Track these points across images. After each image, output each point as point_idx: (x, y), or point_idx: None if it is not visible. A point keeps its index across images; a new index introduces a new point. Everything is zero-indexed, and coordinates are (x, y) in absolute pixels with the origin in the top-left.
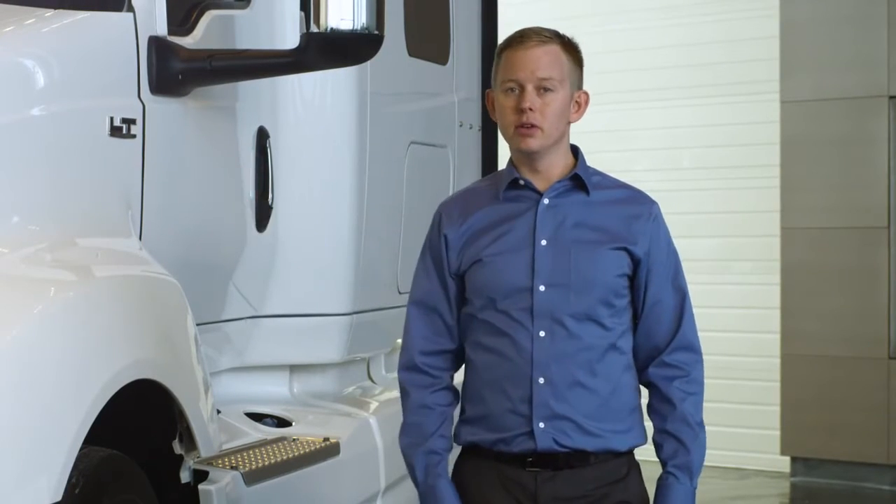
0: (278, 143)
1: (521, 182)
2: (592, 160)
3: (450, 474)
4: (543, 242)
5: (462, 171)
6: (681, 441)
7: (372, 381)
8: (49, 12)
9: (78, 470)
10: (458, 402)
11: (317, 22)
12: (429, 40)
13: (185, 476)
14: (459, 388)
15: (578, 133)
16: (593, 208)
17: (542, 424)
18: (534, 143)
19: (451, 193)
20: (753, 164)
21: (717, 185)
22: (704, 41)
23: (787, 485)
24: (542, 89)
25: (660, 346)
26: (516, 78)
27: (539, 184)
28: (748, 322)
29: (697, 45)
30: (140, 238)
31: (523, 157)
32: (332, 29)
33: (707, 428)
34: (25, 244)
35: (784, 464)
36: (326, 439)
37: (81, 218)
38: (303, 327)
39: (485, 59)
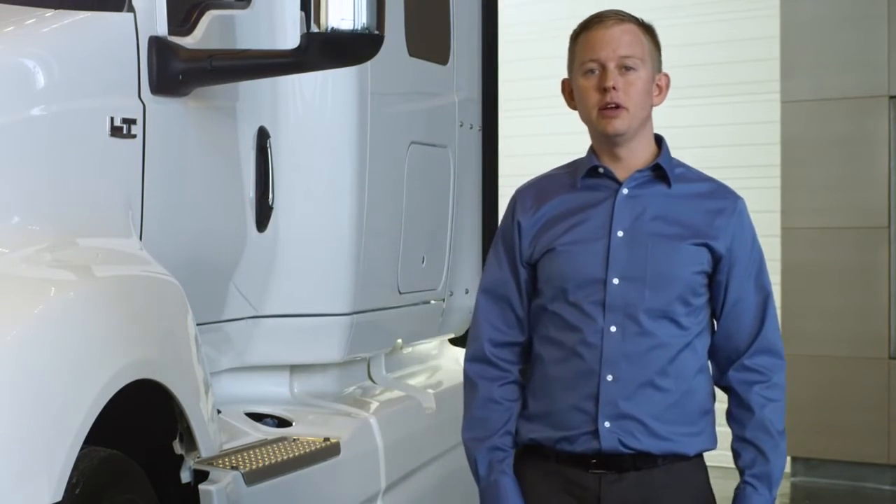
0: (279, 143)
1: (601, 170)
2: None
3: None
4: (620, 234)
5: (462, 172)
6: (760, 450)
7: (372, 381)
8: (49, 12)
9: (78, 470)
10: (522, 397)
11: (317, 22)
12: (429, 40)
13: (185, 476)
14: None
15: (579, 132)
16: (674, 201)
17: (607, 424)
18: (619, 124)
19: (450, 193)
20: (754, 165)
21: None
22: (705, 41)
23: (787, 485)
24: (625, 68)
25: (740, 347)
26: (597, 58)
27: (619, 172)
28: None
29: (698, 45)
30: (140, 238)
31: (606, 142)
32: (332, 29)
33: None
34: (26, 244)
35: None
36: (327, 439)
37: (82, 218)
38: (303, 327)
39: (485, 59)
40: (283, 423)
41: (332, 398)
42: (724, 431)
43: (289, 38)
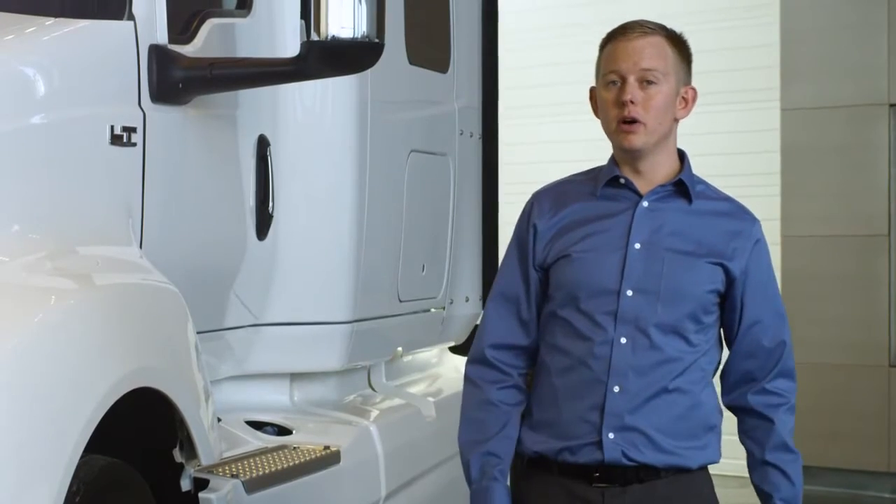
0: (279, 151)
1: (622, 181)
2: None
3: (507, 481)
4: (637, 246)
5: (462, 179)
6: (785, 473)
7: (372, 389)
8: (49, 20)
9: (78, 478)
10: (525, 404)
11: (317, 30)
12: (429, 48)
13: (185, 484)
14: None
15: (578, 142)
16: (694, 218)
17: (611, 435)
18: (636, 139)
19: (450, 201)
20: (754, 172)
21: None
22: (705, 49)
23: None
24: (646, 82)
25: (758, 370)
26: (618, 69)
27: (640, 185)
28: None
29: (698, 53)
30: (140, 246)
31: (626, 155)
32: (332, 37)
33: None
34: (26, 252)
35: None
36: (327, 447)
37: (82, 226)
38: (303, 335)
39: (485, 67)
40: (283, 431)
41: (333, 406)
42: (727, 440)
43: (289, 46)
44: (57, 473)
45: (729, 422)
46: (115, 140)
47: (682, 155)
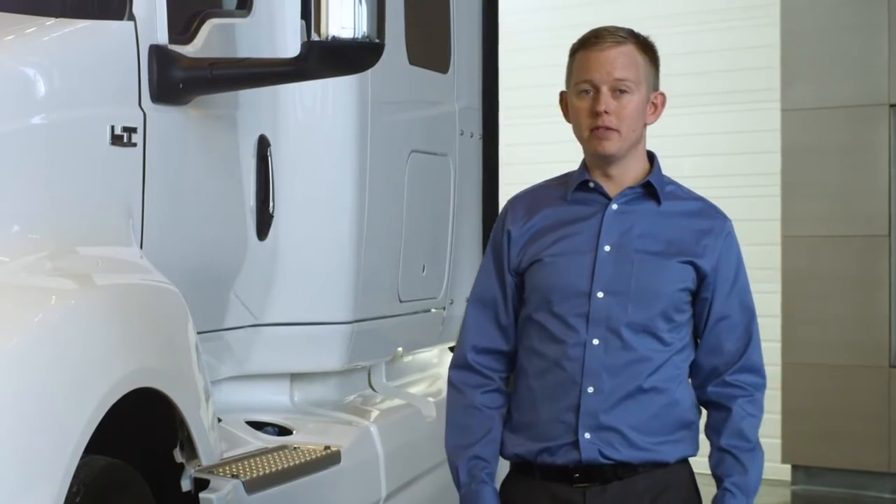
0: (279, 152)
1: (591, 185)
2: None
3: (497, 485)
4: (607, 248)
5: (463, 180)
6: (738, 459)
7: (373, 389)
8: (50, 21)
9: (79, 479)
10: (507, 407)
11: (318, 30)
12: (430, 49)
13: (185, 484)
14: None
15: (577, 143)
16: (663, 219)
17: (587, 435)
18: (610, 146)
19: (450, 201)
20: (754, 173)
21: (717, 193)
22: (705, 49)
23: (787, 493)
24: (618, 91)
25: (722, 365)
26: (591, 79)
27: (610, 188)
28: None
29: (698, 54)
30: (141, 246)
31: (597, 160)
32: (332, 37)
33: None
34: (26, 253)
35: (784, 472)
36: (327, 448)
37: (82, 226)
38: (304, 336)
39: (485, 68)
40: (283, 431)
41: (333, 406)
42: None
43: (289, 46)
44: (57, 474)
45: None
46: (116, 140)
47: (651, 157)
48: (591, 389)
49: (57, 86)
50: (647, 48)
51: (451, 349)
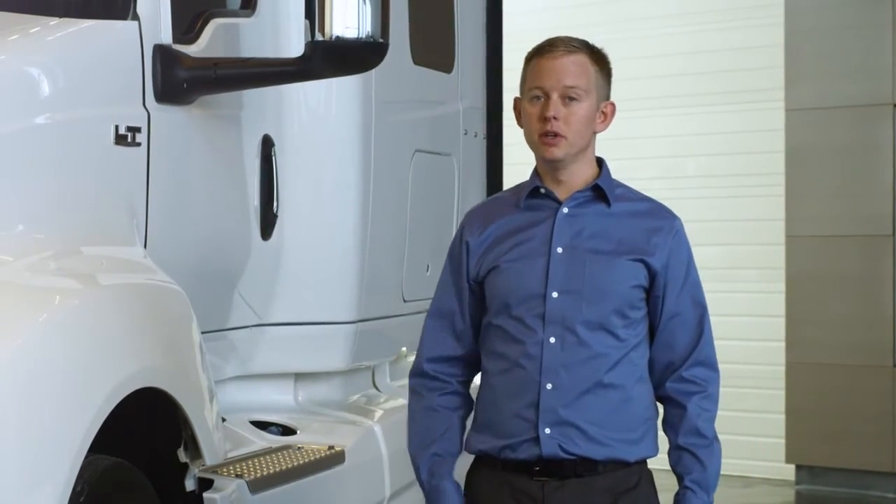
0: (283, 152)
1: (542, 191)
2: None
3: (461, 484)
4: (559, 250)
5: (467, 180)
6: (696, 456)
7: (377, 389)
8: (54, 20)
9: (83, 478)
10: (469, 409)
11: (322, 30)
12: (433, 48)
13: (189, 484)
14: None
15: None
16: (613, 219)
17: (547, 430)
18: (557, 151)
19: (455, 201)
20: (758, 173)
21: (721, 193)
22: (709, 49)
23: (791, 493)
24: (568, 98)
25: (677, 360)
26: (542, 86)
27: (560, 193)
28: (753, 330)
29: (702, 54)
30: (145, 246)
31: (547, 165)
32: (337, 37)
33: None
34: (30, 252)
35: (789, 472)
36: (331, 447)
37: (86, 226)
38: (308, 335)
39: (489, 68)
40: (287, 431)
41: (337, 406)
42: (724, 440)
43: (293, 46)
44: (61, 474)
45: (726, 421)
46: (120, 140)
47: (600, 163)
48: (549, 386)
49: (61, 85)
50: (599, 59)
51: None
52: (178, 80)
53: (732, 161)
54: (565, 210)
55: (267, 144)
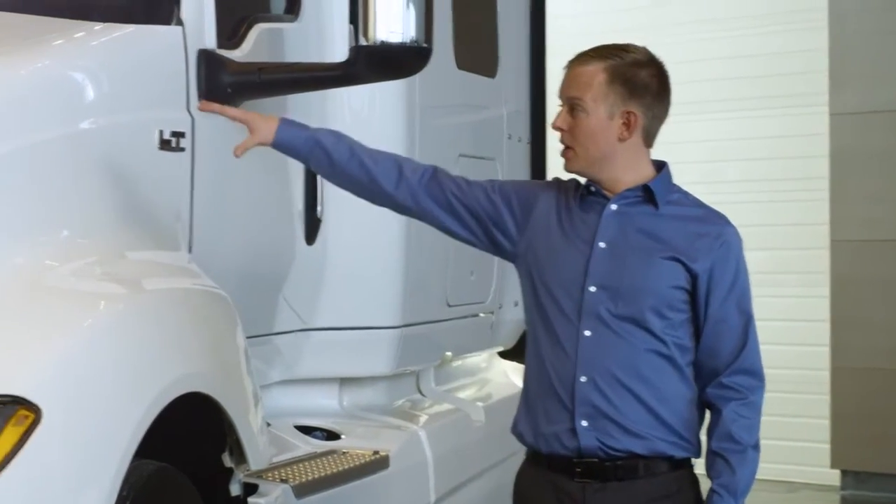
0: None
1: (592, 189)
2: None
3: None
4: (602, 245)
5: None
6: (727, 461)
7: (421, 393)
8: (98, 25)
9: (128, 483)
10: (381, 170)
11: (366, 35)
12: (477, 53)
13: (234, 489)
14: (413, 197)
15: None
16: (660, 220)
17: (584, 423)
18: (571, 164)
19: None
20: (801, 177)
21: (762, 197)
22: (750, 53)
23: (836, 498)
24: (574, 109)
25: (720, 366)
26: (559, 95)
27: (609, 191)
28: (797, 335)
29: (744, 58)
30: (189, 251)
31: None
32: (381, 42)
33: None
34: (75, 257)
35: (834, 477)
36: (376, 452)
37: (131, 231)
38: (352, 340)
39: (533, 72)
40: (332, 435)
41: (381, 411)
42: (768, 445)
43: (337, 51)
44: (107, 478)
45: (770, 426)
46: (164, 145)
47: (660, 166)
48: (583, 379)
49: (105, 90)
50: (615, 70)
51: (500, 354)
52: (222, 84)
53: (772, 165)
54: (613, 207)
55: None
